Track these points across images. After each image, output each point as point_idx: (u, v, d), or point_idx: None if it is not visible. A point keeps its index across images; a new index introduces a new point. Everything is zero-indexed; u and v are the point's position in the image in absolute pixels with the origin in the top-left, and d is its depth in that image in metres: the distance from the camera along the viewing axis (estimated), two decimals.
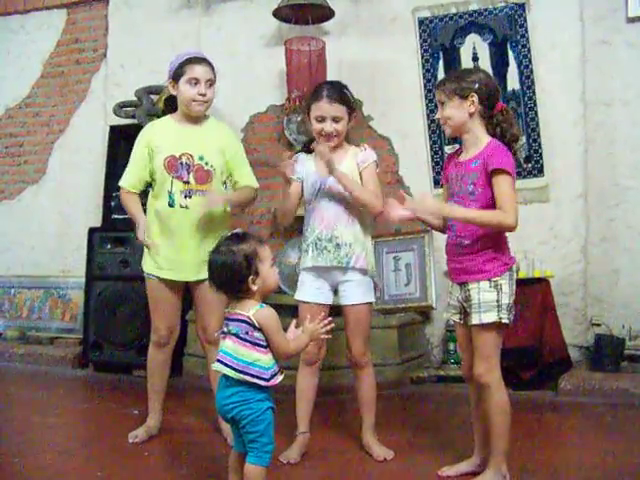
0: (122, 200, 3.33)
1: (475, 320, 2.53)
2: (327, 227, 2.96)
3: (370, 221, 3.10)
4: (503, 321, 2.51)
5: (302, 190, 3.07)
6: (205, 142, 3.22)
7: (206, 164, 3.19)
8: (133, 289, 4.71)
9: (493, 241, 2.55)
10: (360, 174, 2.99)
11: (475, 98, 2.58)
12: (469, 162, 2.60)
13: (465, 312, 2.62)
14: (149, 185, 3.31)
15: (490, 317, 2.50)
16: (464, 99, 2.58)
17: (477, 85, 2.59)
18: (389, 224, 2.63)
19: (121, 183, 3.28)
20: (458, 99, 2.58)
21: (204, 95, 3.18)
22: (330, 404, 3.76)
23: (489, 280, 2.52)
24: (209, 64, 3.23)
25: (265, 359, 2.23)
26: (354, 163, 2.99)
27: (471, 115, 2.59)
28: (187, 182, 3.18)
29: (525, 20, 4.62)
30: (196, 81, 3.17)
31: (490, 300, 2.51)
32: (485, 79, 2.66)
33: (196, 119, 3.26)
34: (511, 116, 2.68)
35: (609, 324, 4.39)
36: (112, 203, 5.15)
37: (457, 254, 2.60)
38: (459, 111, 2.59)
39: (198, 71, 3.17)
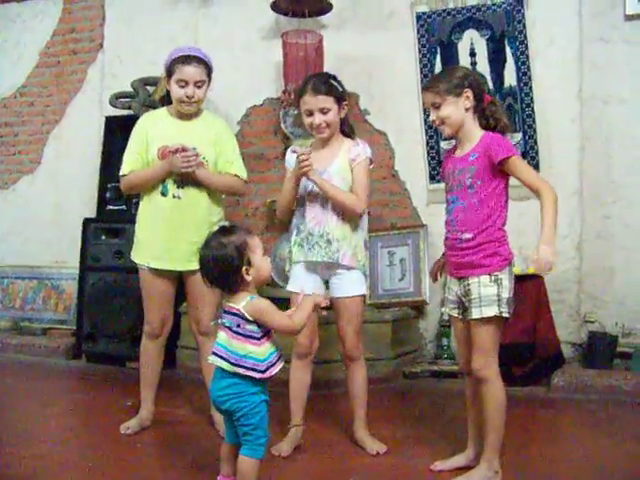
0: (127, 186, 3.28)
1: (475, 314, 2.53)
2: (319, 223, 2.96)
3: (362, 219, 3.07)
4: (504, 315, 2.52)
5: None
6: (198, 135, 3.21)
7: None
8: (127, 280, 4.70)
9: (494, 236, 2.55)
10: (352, 170, 2.98)
11: (469, 93, 2.59)
12: (466, 156, 2.60)
13: (464, 307, 2.62)
14: None
15: (491, 311, 2.50)
16: (459, 96, 2.58)
17: (468, 80, 2.60)
18: None
19: (122, 172, 3.24)
20: (453, 97, 2.58)
21: (191, 97, 3.15)
22: (323, 398, 3.76)
23: (489, 275, 2.52)
24: (201, 63, 3.17)
25: (259, 351, 2.23)
26: (347, 158, 2.97)
27: (467, 111, 2.61)
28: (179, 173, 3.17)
29: (523, 16, 4.62)
30: (184, 83, 3.14)
31: (490, 294, 2.51)
32: (471, 73, 2.69)
33: (190, 114, 3.24)
34: (500, 107, 2.70)
35: (603, 321, 4.40)
36: (107, 194, 5.14)
37: (457, 248, 2.60)
38: (456, 109, 2.59)
39: (187, 72, 3.13)
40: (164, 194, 3.19)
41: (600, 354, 4.22)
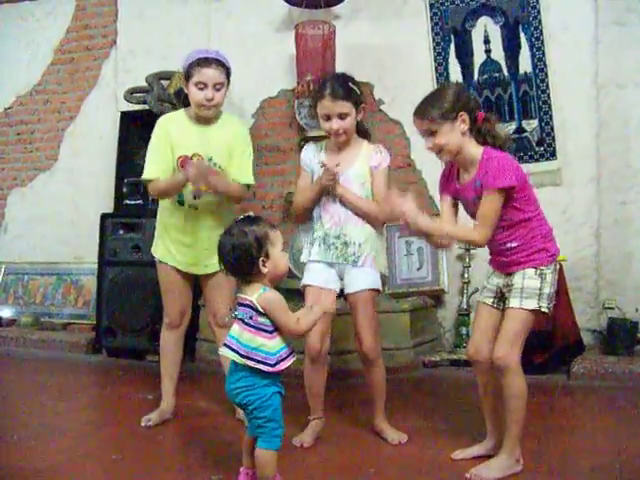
0: (153, 192, 3.24)
1: (515, 304, 2.51)
2: (336, 224, 2.94)
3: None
4: (542, 309, 2.51)
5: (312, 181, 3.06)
6: (215, 143, 3.19)
7: (214, 165, 3.17)
8: (145, 274, 4.72)
9: (540, 235, 2.56)
10: (371, 174, 2.96)
11: (465, 116, 2.52)
12: (471, 184, 2.56)
13: (501, 296, 2.61)
14: None
15: (531, 304, 2.50)
16: (454, 121, 2.51)
17: (461, 102, 2.53)
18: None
19: (145, 176, 3.19)
20: (449, 123, 2.51)
21: (211, 100, 3.12)
22: (341, 388, 3.76)
23: (535, 268, 2.52)
24: (220, 65, 3.14)
25: (270, 344, 2.23)
26: (366, 164, 2.95)
27: (463, 135, 2.54)
28: None
29: (537, 1, 4.57)
30: (203, 85, 3.11)
31: (533, 287, 2.51)
32: (462, 92, 2.61)
33: (209, 118, 3.22)
34: (494, 122, 2.63)
35: (622, 308, 4.37)
36: (124, 189, 5.16)
37: (503, 251, 2.59)
38: (453, 135, 2.52)
39: (206, 74, 3.10)
40: (181, 203, 3.20)
41: (620, 341, 4.19)
